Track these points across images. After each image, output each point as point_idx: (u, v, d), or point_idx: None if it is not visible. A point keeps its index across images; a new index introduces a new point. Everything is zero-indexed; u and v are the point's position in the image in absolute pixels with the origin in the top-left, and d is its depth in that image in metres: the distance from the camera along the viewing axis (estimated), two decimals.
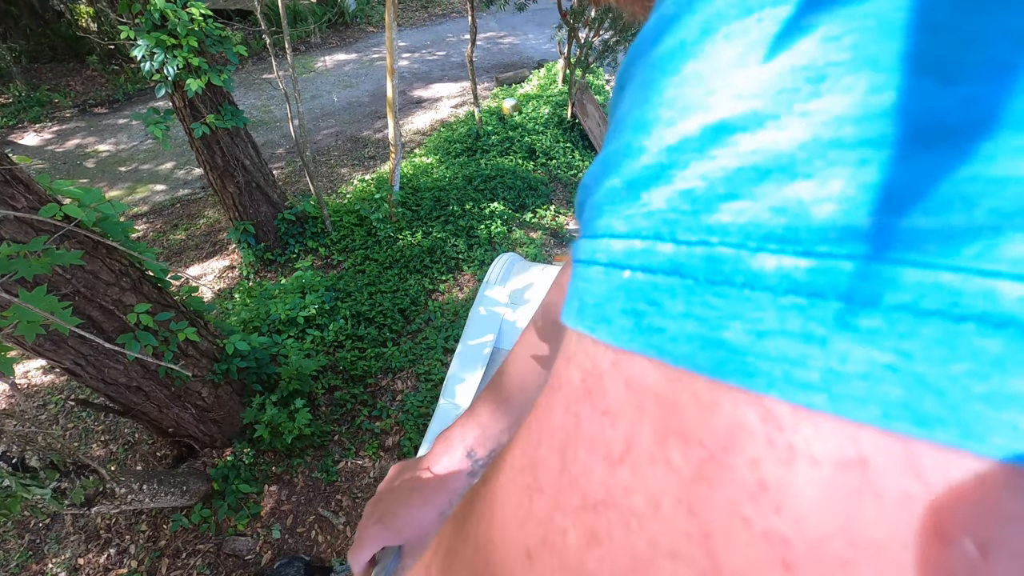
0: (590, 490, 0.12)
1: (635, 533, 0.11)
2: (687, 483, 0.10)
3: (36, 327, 1.11)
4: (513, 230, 3.77)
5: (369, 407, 2.66)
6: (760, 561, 0.10)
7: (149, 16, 2.26)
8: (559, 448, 0.13)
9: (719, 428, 0.10)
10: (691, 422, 0.10)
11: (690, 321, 0.10)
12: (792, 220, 0.09)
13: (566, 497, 0.12)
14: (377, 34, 7.84)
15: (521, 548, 0.13)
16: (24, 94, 5.99)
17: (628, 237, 0.12)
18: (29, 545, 2.22)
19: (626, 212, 0.12)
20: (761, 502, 0.10)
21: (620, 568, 0.11)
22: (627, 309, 0.11)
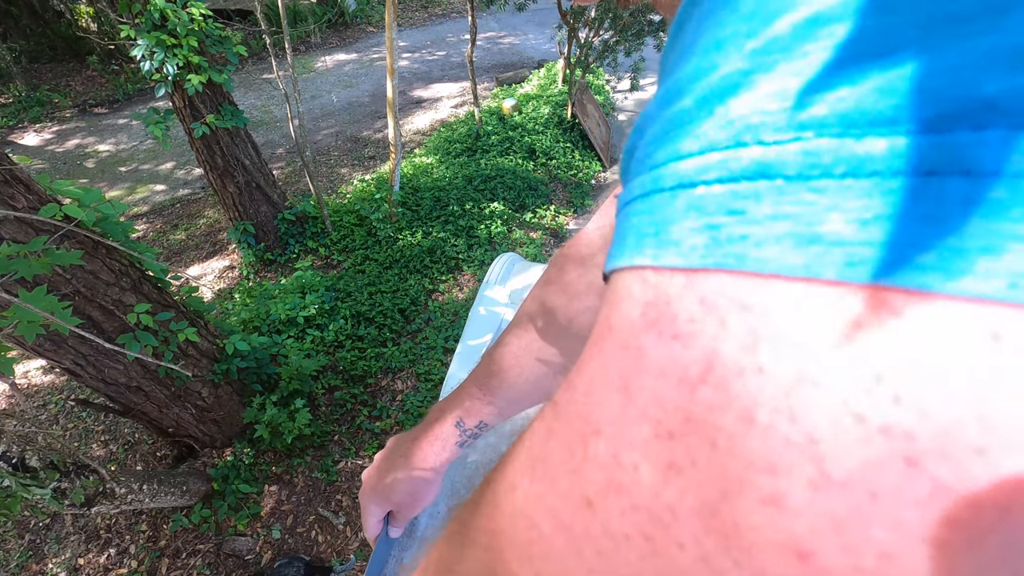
0: (664, 418, 0.11)
1: (724, 452, 0.10)
2: (786, 388, 0.10)
3: (36, 327, 1.11)
4: (513, 230, 3.77)
5: (369, 407, 2.66)
6: (879, 458, 0.09)
7: (149, 16, 2.26)
8: (619, 386, 0.12)
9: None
10: (783, 324, 0.10)
11: (780, 222, 0.10)
12: (902, 99, 0.09)
13: (633, 432, 0.12)
14: (377, 34, 7.84)
15: (577, 498, 0.12)
16: (24, 94, 5.99)
17: (701, 153, 0.11)
18: (29, 545, 2.22)
19: (697, 130, 0.11)
20: (876, 395, 0.09)
21: (707, 493, 0.10)
22: (701, 226, 0.11)
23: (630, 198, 0.13)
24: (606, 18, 4.07)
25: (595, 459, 0.12)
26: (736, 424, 0.10)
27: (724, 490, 0.10)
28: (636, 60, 4.55)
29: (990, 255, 0.08)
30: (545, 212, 4.03)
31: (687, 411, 0.11)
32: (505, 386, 0.50)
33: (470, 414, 0.51)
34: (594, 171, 4.73)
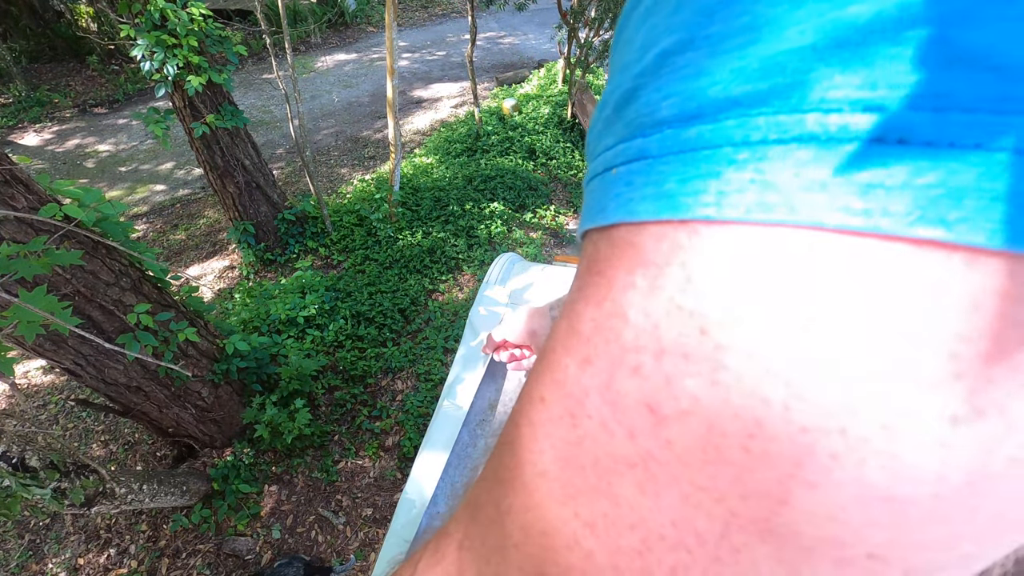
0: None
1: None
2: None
3: (36, 327, 1.11)
4: (513, 230, 3.77)
5: (369, 407, 2.66)
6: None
7: (149, 16, 2.26)
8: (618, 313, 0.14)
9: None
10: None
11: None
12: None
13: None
14: (377, 34, 7.84)
15: (641, 405, 0.12)
16: (24, 94, 5.99)
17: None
18: (29, 545, 2.22)
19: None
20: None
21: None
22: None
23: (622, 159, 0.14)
24: (606, 18, 4.07)
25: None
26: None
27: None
28: None
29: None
30: (545, 212, 4.03)
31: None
32: None
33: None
34: None
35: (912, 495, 0.10)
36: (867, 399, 0.10)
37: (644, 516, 0.12)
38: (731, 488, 0.11)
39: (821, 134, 0.10)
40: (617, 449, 0.13)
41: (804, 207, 0.10)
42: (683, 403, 0.11)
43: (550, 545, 0.14)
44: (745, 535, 0.11)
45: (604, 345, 0.13)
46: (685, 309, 0.11)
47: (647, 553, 0.12)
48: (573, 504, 0.13)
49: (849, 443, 0.10)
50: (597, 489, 0.13)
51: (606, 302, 0.13)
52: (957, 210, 0.09)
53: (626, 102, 0.14)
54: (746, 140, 0.10)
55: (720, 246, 0.11)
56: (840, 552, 0.11)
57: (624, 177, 0.13)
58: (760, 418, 0.10)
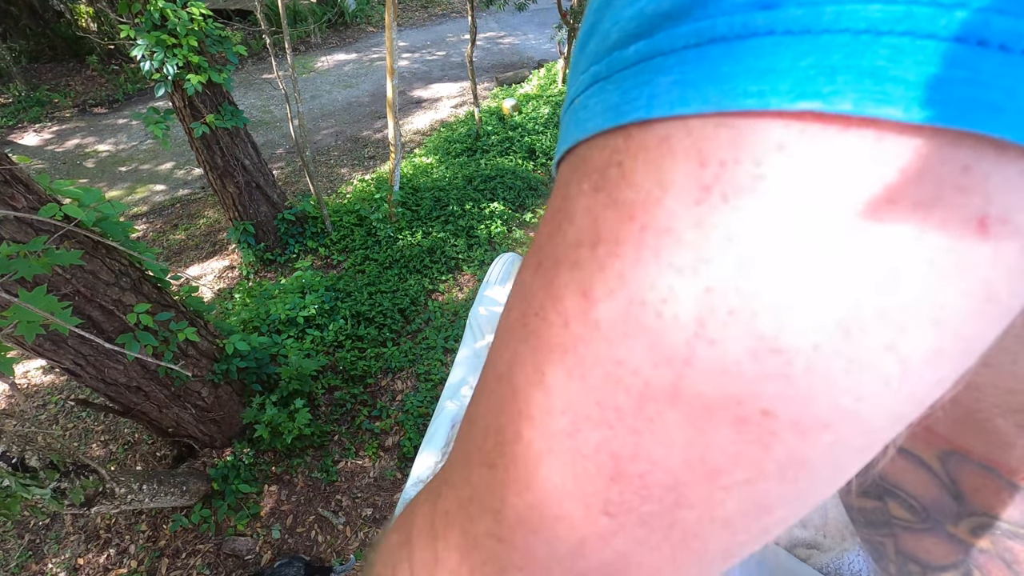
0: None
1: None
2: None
3: (36, 327, 1.11)
4: (513, 230, 3.77)
5: (369, 407, 2.66)
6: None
7: (149, 16, 2.26)
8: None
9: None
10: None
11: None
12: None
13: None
14: (377, 34, 7.84)
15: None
16: (24, 94, 5.99)
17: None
18: (29, 545, 2.22)
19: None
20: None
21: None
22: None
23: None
24: None
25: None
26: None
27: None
28: None
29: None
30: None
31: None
32: None
33: None
34: None
35: (796, 345, 0.11)
36: (762, 258, 0.11)
37: (572, 400, 0.13)
38: (645, 358, 0.12)
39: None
40: (554, 337, 0.14)
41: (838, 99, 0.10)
42: (610, 283, 0.12)
43: (498, 444, 0.15)
44: (657, 404, 0.12)
45: (549, 244, 0.15)
46: (617, 201, 0.12)
47: (576, 434, 0.13)
48: (516, 402, 0.15)
49: (743, 298, 0.11)
50: (532, 382, 0.14)
51: (555, 209, 0.15)
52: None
53: (588, 38, 0.15)
54: (674, 47, 0.12)
55: (646, 140, 0.12)
56: (737, 410, 0.12)
57: (581, 103, 0.14)
58: (672, 284, 0.12)
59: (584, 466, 0.13)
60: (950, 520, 0.27)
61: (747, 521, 0.13)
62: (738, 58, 0.11)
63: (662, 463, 0.13)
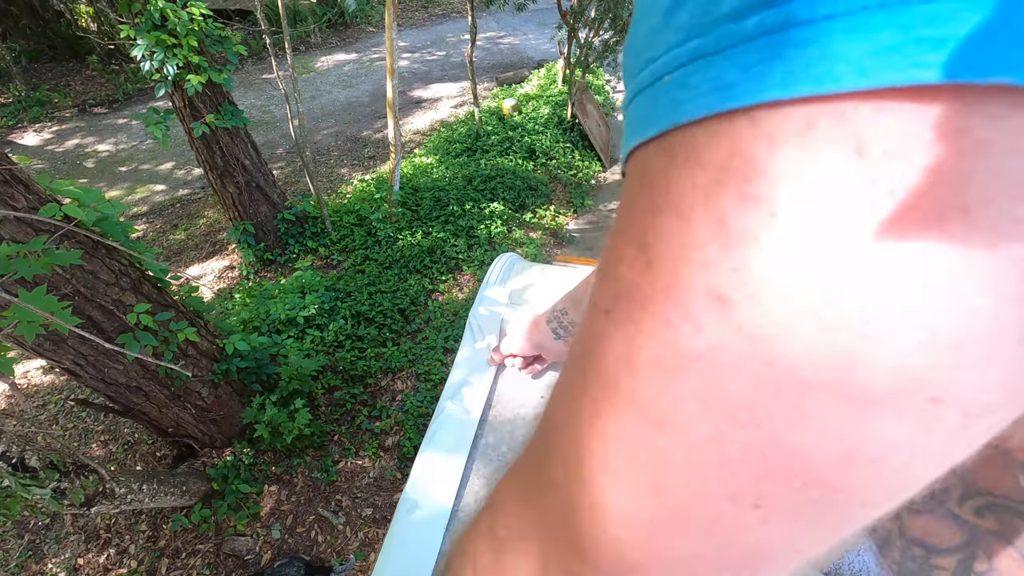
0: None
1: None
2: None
3: (36, 327, 1.11)
4: (513, 230, 3.77)
5: (369, 407, 2.66)
6: None
7: (149, 16, 2.26)
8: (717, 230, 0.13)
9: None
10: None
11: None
12: None
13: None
14: (377, 34, 7.84)
15: (699, 340, 0.13)
16: (24, 94, 5.99)
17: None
18: (29, 545, 2.22)
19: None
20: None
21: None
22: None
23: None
24: (606, 18, 4.07)
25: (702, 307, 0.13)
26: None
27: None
28: None
29: None
30: (545, 212, 4.03)
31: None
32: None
33: (566, 312, 0.68)
34: (594, 171, 4.73)
35: (972, 334, 0.10)
36: (931, 249, 0.10)
37: (712, 405, 0.13)
38: (804, 358, 0.11)
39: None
40: (682, 343, 0.13)
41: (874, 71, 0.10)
42: (753, 283, 0.11)
43: (619, 453, 0.15)
44: (817, 400, 0.12)
45: (659, 242, 0.13)
46: (750, 196, 0.11)
47: (720, 438, 0.13)
48: (638, 412, 0.14)
49: (924, 292, 0.10)
50: (663, 388, 0.13)
51: (656, 203, 0.13)
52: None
53: (677, 6, 0.13)
54: (810, 18, 0.10)
55: (782, 126, 0.11)
56: (902, 400, 0.11)
57: (678, 81, 0.12)
58: (828, 283, 0.11)
59: (733, 468, 0.13)
60: (954, 500, 0.27)
61: (891, 499, 0.13)
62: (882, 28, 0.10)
63: (819, 456, 0.12)
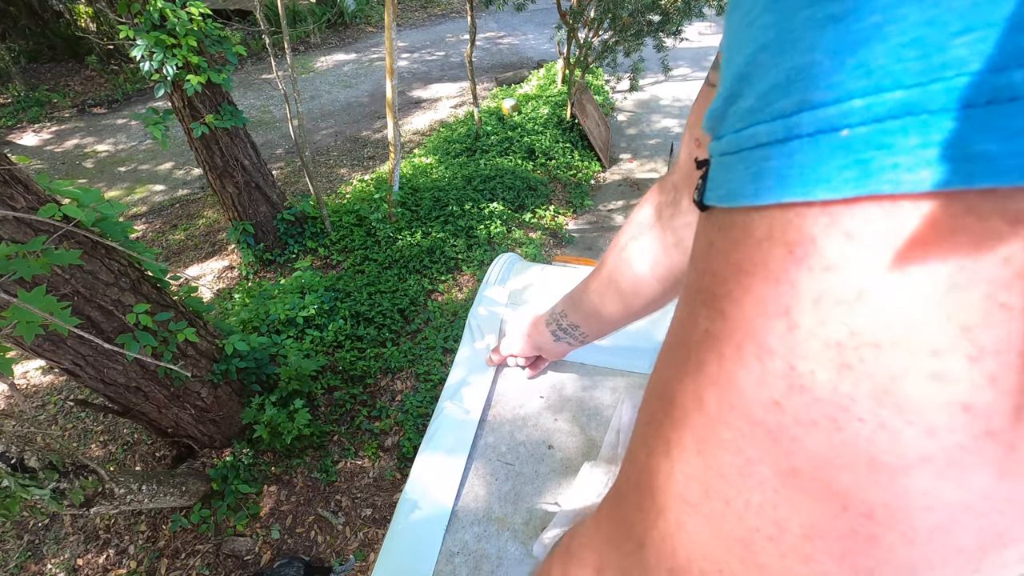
0: (831, 333, 0.13)
1: (889, 349, 0.13)
2: (944, 291, 0.12)
3: (35, 327, 1.11)
4: (512, 230, 3.77)
5: (368, 407, 2.66)
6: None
7: (148, 16, 2.26)
8: (781, 312, 0.14)
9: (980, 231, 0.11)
10: (940, 235, 0.12)
11: (928, 149, 0.11)
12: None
13: (804, 347, 0.14)
14: (376, 34, 7.84)
15: (766, 400, 0.15)
16: (23, 94, 5.99)
17: (839, 101, 0.13)
18: (28, 545, 2.22)
19: (830, 81, 0.13)
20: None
21: (878, 380, 0.13)
22: (850, 161, 0.13)
23: (756, 144, 0.15)
24: (605, 18, 4.07)
25: (774, 372, 0.15)
26: (900, 331, 0.12)
27: (892, 375, 0.13)
28: (635, 60, 4.56)
29: None
30: (544, 212, 4.04)
31: (850, 326, 0.13)
32: (588, 311, 0.64)
33: (565, 314, 0.68)
34: (593, 171, 4.73)
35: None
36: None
37: (780, 519, 0.15)
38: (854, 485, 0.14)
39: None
40: (761, 457, 0.15)
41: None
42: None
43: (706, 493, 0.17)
44: (864, 525, 0.14)
45: (736, 310, 0.16)
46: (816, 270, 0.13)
47: (778, 538, 0.15)
48: (720, 521, 0.17)
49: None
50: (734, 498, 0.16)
51: (746, 264, 0.15)
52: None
53: (773, 89, 0.14)
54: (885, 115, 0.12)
55: (857, 216, 0.13)
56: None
57: (782, 154, 0.14)
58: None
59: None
60: None
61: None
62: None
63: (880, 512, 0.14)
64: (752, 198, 0.15)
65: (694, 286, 0.18)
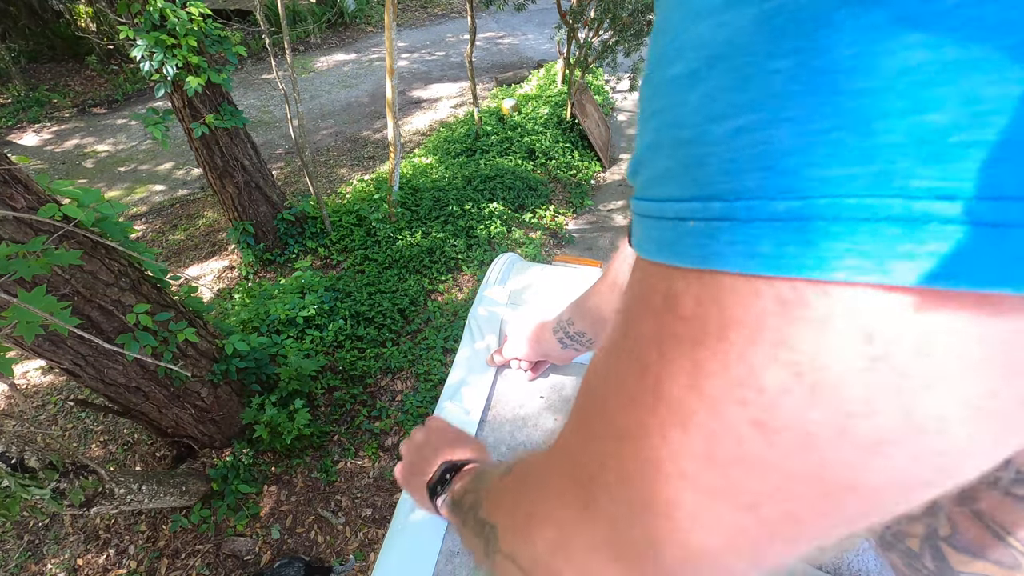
0: (793, 359, 0.15)
1: (838, 379, 0.14)
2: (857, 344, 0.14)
3: (35, 327, 1.11)
4: (512, 230, 3.77)
5: (368, 407, 2.66)
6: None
7: (148, 16, 2.26)
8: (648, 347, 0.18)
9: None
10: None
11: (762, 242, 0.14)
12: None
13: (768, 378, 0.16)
14: (376, 34, 7.84)
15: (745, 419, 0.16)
16: (23, 94, 5.99)
17: (694, 200, 0.16)
18: (28, 545, 2.22)
19: (708, 179, 0.15)
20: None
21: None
22: (695, 241, 0.16)
23: (638, 212, 0.19)
24: (605, 18, 4.07)
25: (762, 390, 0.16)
26: (843, 363, 0.14)
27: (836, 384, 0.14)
28: (635, 60, 4.55)
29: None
30: (545, 212, 4.03)
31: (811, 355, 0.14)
32: (595, 318, 0.66)
33: (572, 321, 0.70)
34: (593, 171, 4.73)
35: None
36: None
37: (756, 491, 0.16)
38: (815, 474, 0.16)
39: (907, 216, 0.12)
40: (733, 451, 0.16)
41: (897, 272, 0.13)
42: (783, 417, 0.15)
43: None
44: (829, 501, 0.16)
45: (687, 348, 0.17)
46: (781, 360, 0.14)
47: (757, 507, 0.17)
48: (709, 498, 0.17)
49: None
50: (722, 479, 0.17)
51: (710, 351, 0.16)
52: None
53: (694, 162, 0.16)
54: (837, 216, 0.13)
55: (820, 302, 0.14)
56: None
57: (705, 231, 0.15)
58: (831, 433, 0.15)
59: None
60: None
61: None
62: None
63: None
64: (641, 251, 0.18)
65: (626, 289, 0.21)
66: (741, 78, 0.14)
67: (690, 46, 0.16)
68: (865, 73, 0.12)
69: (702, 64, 0.15)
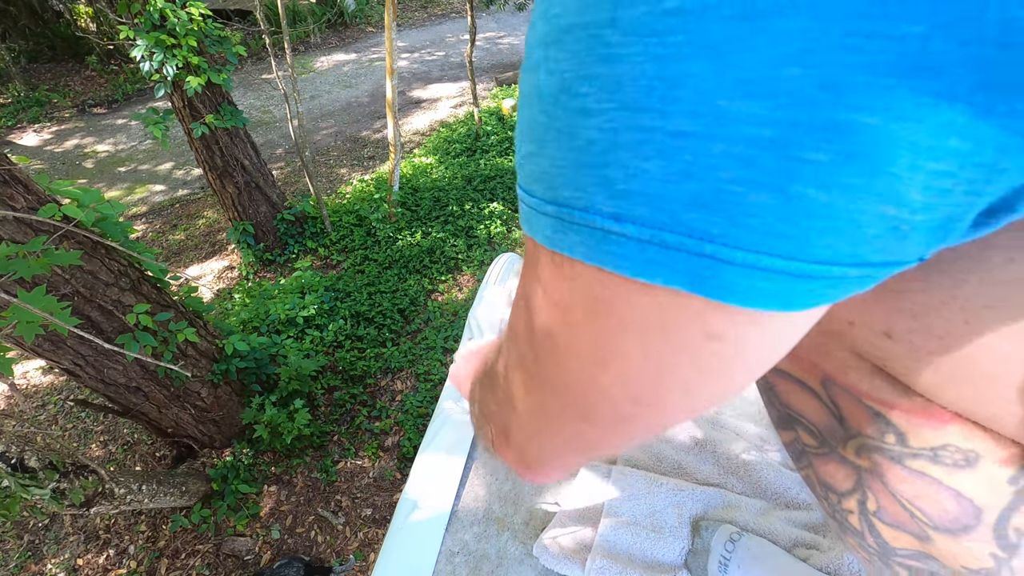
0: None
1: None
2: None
3: (35, 327, 1.11)
4: (513, 230, 3.77)
5: (368, 407, 2.66)
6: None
7: (148, 16, 2.26)
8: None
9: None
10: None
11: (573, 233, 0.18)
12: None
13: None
14: (376, 34, 7.84)
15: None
16: (23, 94, 5.99)
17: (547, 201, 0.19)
18: (28, 545, 2.22)
19: (564, 185, 0.18)
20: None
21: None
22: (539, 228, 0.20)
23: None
24: None
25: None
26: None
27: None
28: None
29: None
30: None
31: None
32: None
33: None
34: None
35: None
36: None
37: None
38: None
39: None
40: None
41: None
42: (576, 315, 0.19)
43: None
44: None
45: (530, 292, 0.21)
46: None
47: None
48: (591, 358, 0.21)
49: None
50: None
51: (534, 284, 0.21)
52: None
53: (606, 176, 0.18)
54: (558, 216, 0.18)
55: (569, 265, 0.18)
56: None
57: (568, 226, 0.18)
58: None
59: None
60: (840, 443, 0.29)
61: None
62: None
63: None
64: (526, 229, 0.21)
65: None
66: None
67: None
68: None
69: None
